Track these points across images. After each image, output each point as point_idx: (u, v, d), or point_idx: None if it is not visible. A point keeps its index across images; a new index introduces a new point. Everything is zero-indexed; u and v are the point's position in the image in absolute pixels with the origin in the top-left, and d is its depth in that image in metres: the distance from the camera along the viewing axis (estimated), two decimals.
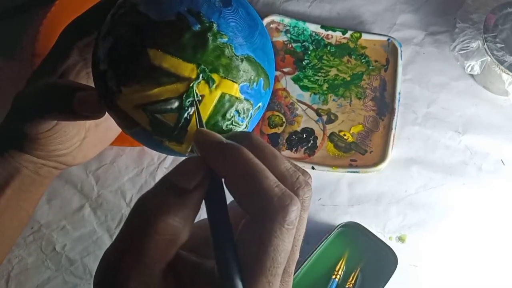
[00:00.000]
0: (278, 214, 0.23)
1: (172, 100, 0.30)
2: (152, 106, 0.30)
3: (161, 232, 0.23)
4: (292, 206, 0.23)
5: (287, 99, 0.64)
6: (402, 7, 0.70)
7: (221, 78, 0.31)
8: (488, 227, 0.58)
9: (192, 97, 0.30)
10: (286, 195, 0.24)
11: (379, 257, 0.54)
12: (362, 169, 0.59)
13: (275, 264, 0.23)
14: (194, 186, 0.25)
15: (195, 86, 0.30)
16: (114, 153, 0.61)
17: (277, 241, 0.23)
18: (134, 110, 0.31)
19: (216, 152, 0.25)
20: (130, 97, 0.30)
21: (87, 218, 0.58)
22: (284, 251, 0.24)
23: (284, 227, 0.23)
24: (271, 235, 0.23)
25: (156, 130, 0.31)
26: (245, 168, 0.24)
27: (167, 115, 0.30)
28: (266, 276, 0.23)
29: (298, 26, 0.67)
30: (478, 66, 0.62)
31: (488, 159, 0.61)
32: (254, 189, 0.24)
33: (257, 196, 0.23)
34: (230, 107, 0.31)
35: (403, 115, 0.63)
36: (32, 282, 0.55)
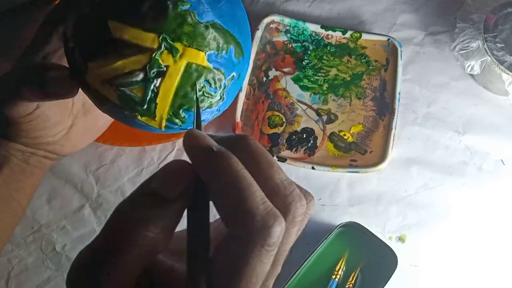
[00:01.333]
0: (259, 236, 0.22)
1: (137, 72, 0.30)
2: (117, 80, 0.30)
3: (139, 244, 0.22)
4: (275, 227, 0.22)
5: (287, 99, 0.64)
6: (402, 7, 0.70)
7: (185, 47, 0.30)
8: (488, 227, 0.58)
9: (156, 67, 0.29)
10: (271, 215, 0.22)
11: (379, 257, 0.54)
12: (362, 169, 0.59)
13: (250, 284, 0.22)
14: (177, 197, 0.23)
15: (157, 56, 0.29)
16: (114, 153, 0.61)
17: (255, 262, 0.22)
18: (101, 86, 0.30)
19: (204, 159, 0.23)
20: (96, 72, 0.30)
21: (87, 218, 0.58)
22: (261, 271, 0.23)
23: (263, 249, 0.22)
24: (249, 256, 0.22)
25: (125, 105, 0.31)
26: (232, 181, 0.22)
27: (134, 88, 0.30)
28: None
29: (298, 26, 0.67)
30: (478, 66, 0.62)
31: (488, 159, 0.61)
32: (237, 205, 0.22)
33: (240, 212, 0.22)
34: (199, 77, 0.31)
35: (403, 115, 0.63)
36: (32, 282, 0.55)
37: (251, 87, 0.64)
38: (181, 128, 0.33)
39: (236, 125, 0.61)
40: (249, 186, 0.22)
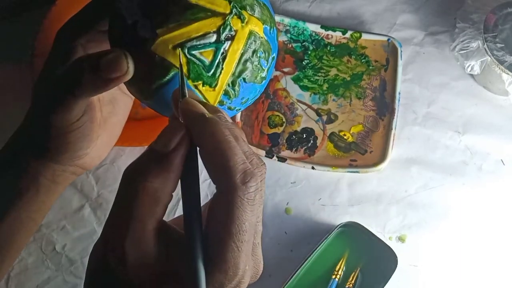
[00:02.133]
0: (239, 189, 0.26)
1: (210, 34, 0.32)
2: (190, 43, 0.32)
3: (143, 192, 0.27)
4: (251, 182, 0.27)
5: (287, 99, 0.64)
6: (402, 7, 0.70)
7: (250, 16, 0.33)
8: (488, 227, 0.58)
9: (228, 30, 0.32)
10: (248, 173, 0.27)
11: (379, 257, 0.54)
12: (362, 169, 0.59)
13: (241, 231, 0.26)
14: (172, 150, 0.28)
15: (230, 19, 0.32)
16: (114, 153, 0.61)
17: (240, 212, 0.26)
18: (171, 52, 0.32)
19: (199, 122, 0.28)
20: (167, 38, 0.32)
21: (87, 218, 0.58)
22: (248, 221, 0.27)
23: (244, 200, 0.26)
24: (234, 206, 0.26)
25: (192, 71, 0.32)
26: (219, 143, 0.27)
27: (205, 52, 0.32)
28: (234, 241, 0.26)
29: (298, 26, 0.67)
30: (478, 66, 0.62)
31: (488, 159, 0.61)
32: (223, 163, 0.27)
33: (225, 170, 0.27)
34: (259, 45, 0.34)
35: (403, 115, 0.63)
36: (32, 282, 0.55)
37: None
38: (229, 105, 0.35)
39: (236, 125, 0.61)
40: (233, 148, 0.27)
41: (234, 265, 0.27)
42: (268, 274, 0.55)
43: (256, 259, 0.29)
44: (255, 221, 0.28)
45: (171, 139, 0.28)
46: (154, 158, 0.28)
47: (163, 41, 0.32)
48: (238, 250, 0.27)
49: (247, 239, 0.27)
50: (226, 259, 0.27)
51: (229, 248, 0.26)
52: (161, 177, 0.27)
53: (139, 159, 0.28)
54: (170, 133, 0.28)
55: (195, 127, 0.28)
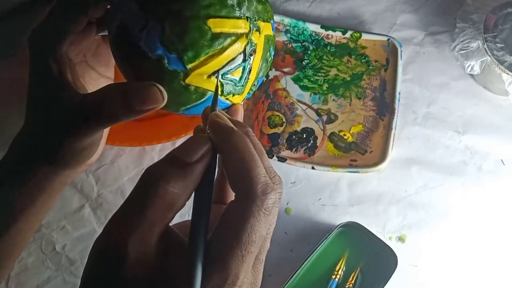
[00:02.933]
0: (259, 198, 0.27)
1: (238, 56, 0.33)
2: (223, 69, 0.33)
3: (161, 195, 0.27)
4: (271, 194, 0.27)
5: (287, 99, 0.64)
6: (402, 7, 0.70)
7: (262, 22, 0.35)
8: (488, 227, 0.58)
9: (251, 47, 0.34)
10: (269, 185, 0.27)
11: (379, 257, 0.54)
12: (362, 169, 0.59)
13: (250, 241, 0.27)
14: (195, 161, 0.28)
15: (251, 36, 0.34)
16: (114, 153, 0.61)
17: (254, 221, 0.27)
18: (206, 81, 0.33)
19: (226, 134, 0.29)
20: (201, 71, 0.33)
21: (87, 218, 0.58)
22: (259, 232, 0.27)
23: (261, 210, 0.27)
24: (249, 214, 0.27)
25: (225, 90, 0.34)
26: (245, 154, 0.28)
27: (234, 72, 0.34)
28: (241, 250, 0.27)
29: (298, 26, 0.67)
30: (478, 66, 0.62)
31: (488, 159, 0.61)
32: (246, 173, 0.27)
33: (247, 179, 0.27)
34: (271, 43, 0.36)
35: (403, 115, 0.63)
36: (32, 282, 0.55)
37: None
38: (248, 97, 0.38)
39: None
40: (257, 160, 0.28)
41: (234, 274, 0.27)
42: (268, 274, 0.55)
43: (256, 276, 0.29)
44: (265, 234, 0.28)
45: (197, 151, 0.28)
46: (177, 165, 0.28)
47: (197, 74, 0.33)
48: (242, 260, 0.27)
49: (253, 250, 0.27)
50: (229, 266, 0.27)
51: (235, 255, 0.27)
52: (182, 184, 0.27)
53: (163, 162, 0.28)
54: (197, 145, 0.29)
55: (222, 138, 0.29)
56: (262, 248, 0.29)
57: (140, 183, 0.28)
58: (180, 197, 0.27)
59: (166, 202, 0.27)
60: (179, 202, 0.28)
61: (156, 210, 0.27)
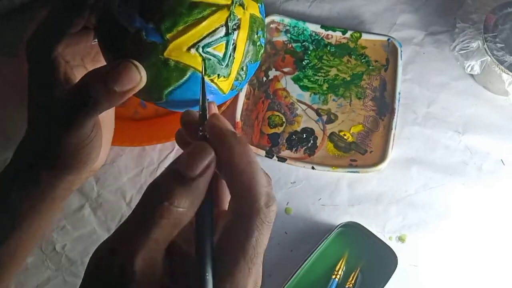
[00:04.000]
0: (262, 212, 0.27)
1: (220, 28, 0.32)
2: (203, 41, 0.32)
3: (165, 217, 0.26)
4: (274, 206, 0.27)
5: (287, 99, 0.64)
6: (402, 7, 0.70)
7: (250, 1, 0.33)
8: (488, 227, 0.58)
9: (234, 20, 0.32)
10: (271, 197, 0.27)
11: (379, 257, 0.54)
12: (362, 169, 0.59)
13: (255, 253, 0.27)
14: (199, 174, 0.27)
15: (234, 9, 0.32)
16: (114, 153, 0.61)
17: (258, 234, 0.27)
18: (185, 54, 0.32)
19: (230, 140, 0.28)
20: (179, 42, 0.31)
21: (87, 218, 0.58)
22: (263, 243, 0.27)
23: (265, 223, 0.27)
24: (254, 229, 0.26)
25: (209, 67, 0.32)
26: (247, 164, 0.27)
27: (217, 47, 0.32)
28: (247, 263, 0.26)
29: (298, 26, 0.67)
30: (478, 66, 0.62)
31: (488, 159, 0.61)
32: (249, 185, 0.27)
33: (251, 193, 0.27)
34: (259, 25, 0.34)
35: (403, 115, 0.63)
36: (32, 282, 0.55)
37: (251, 87, 0.64)
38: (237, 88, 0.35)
39: (236, 125, 0.61)
40: (259, 171, 0.27)
41: (242, 285, 0.27)
42: (268, 274, 0.55)
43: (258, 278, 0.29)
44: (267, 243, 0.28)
45: (200, 163, 0.27)
46: (180, 182, 0.26)
47: (176, 45, 0.31)
48: (249, 272, 0.27)
49: (259, 261, 0.27)
50: (236, 278, 0.26)
51: (242, 269, 0.26)
52: (188, 202, 0.26)
53: (165, 179, 0.27)
54: (199, 157, 0.27)
55: (225, 145, 0.27)
56: None
57: (144, 201, 0.27)
58: (185, 215, 0.27)
59: (172, 222, 0.26)
60: (184, 220, 0.27)
61: (162, 230, 0.26)
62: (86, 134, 0.37)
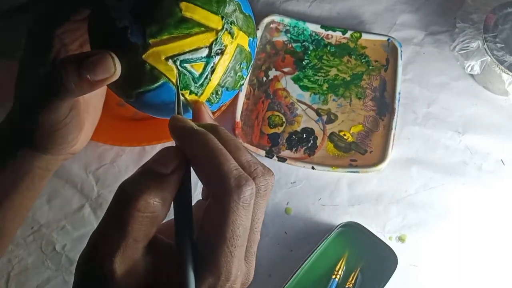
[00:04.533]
0: (234, 192, 0.26)
1: (202, 49, 0.33)
2: (183, 56, 0.33)
3: (142, 210, 0.26)
4: (247, 186, 0.27)
5: (287, 99, 0.64)
6: (402, 7, 0.70)
7: (239, 30, 0.34)
8: (488, 227, 0.58)
9: (219, 46, 0.33)
10: (242, 177, 0.27)
11: (379, 257, 0.54)
12: (362, 169, 0.59)
13: (234, 236, 0.27)
14: (171, 171, 0.27)
15: (221, 35, 0.33)
16: (114, 153, 0.61)
17: (234, 216, 0.26)
18: (162, 63, 0.32)
19: (187, 135, 0.28)
20: (160, 50, 0.32)
21: (87, 218, 0.58)
22: (242, 226, 0.27)
23: (239, 204, 0.26)
24: (228, 210, 0.26)
25: (182, 81, 0.33)
26: (210, 151, 0.27)
27: (195, 65, 0.33)
28: (227, 246, 0.27)
29: (298, 26, 0.67)
30: (478, 66, 0.62)
31: (488, 159, 0.61)
32: (216, 170, 0.27)
33: (218, 176, 0.27)
34: (244, 57, 0.35)
35: (403, 115, 0.63)
36: (32, 282, 0.55)
37: (251, 87, 0.64)
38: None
39: (236, 125, 0.61)
40: (225, 155, 0.27)
41: (226, 270, 0.27)
42: (268, 274, 0.55)
43: (249, 267, 0.29)
44: (249, 226, 0.28)
45: (170, 161, 0.28)
46: (154, 178, 0.27)
47: (156, 51, 0.32)
48: (231, 255, 0.27)
49: (240, 244, 0.27)
50: (219, 264, 0.27)
51: (222, 253, 0.27)
52: (161, 197, 0.27)
53: (138, 177, 0.27)
54: (170, 156, 0.28)
55: (185, 141, 0.28)
56: (252, 240, 0.29)
57: (117, 199, 0.27)
58: (161, 209, 0.27)
59: (148, 216, 0.26)
60: (161, 214, 0.27)
61: (139, 225, 0.26)
62: (60, 118, 0.37)
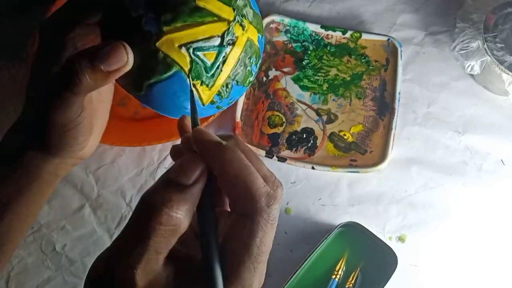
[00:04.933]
0: (264, 212, 0.27)
1: (215, 38, 0.33)
2: (196, 44, 0.33)
3: (164, 223, 0.26)
4: (275, 205, 0.28)
5: (287, 99, 0.64)
6: (402, 7, 0.70)
7: (249, 24, 0.35)
8: (488, 227, 0.58)
9: (231, 36, 0.34)
10: (271, 196, 0.27)
11: (379, 257, 0.54)
12: (362, 169, 0.59)
13: (260, 252, 0.27)
14: (193, 182, 0.27)
15: (233, 26, 0.34)
16: (114, 153, 0.61)
17: (262, 234, 0.27)
18: (176, 50, 0.33)
19: (215, 151, 0.28)
20: (174, 37, 0.33)
21: (87, 218, 0.58)
22: (267, 242, 0.28)
23: (268, 223, 0.27)
24: (258, 229, 0.27)
25: (193, 70, 0.33)
26: (240, 169, 0.27)
27: (208, 53, 0.34)
28: (252, 262, 0.27)
29: (298, 26, 0.67)
30: (478, 66, 0.62)
31: (488, 159, 0.61)
32: (247, 189, 0.27)
33: (249, 195, 0.27)
34: (253, 52, 0.35)
35: (403, 115, 0.63)
36: (32, 282, 0.55)
37: (251, 87, 0.64)
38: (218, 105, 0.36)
39: (236, 125, 0.61)
40: (254, 173, 0.27)
41: (249, 284, 0.27)
42: (268, 274, 0.55)
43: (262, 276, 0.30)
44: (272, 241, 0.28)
45: (194, 172, 0.28)
46: (176, 189, 0.27)
47: (169, 39, 0.33)
48: (254, 271, 0.27)
49: (264, 260, 0.28)
50: (243, 278, 0.27)
51: (247, 268, 0.27)
52: (185, 209, 0.27)
53: (160, 187, 0.27)
54: (192, 166, 0.28)
55: (213, 157, 0.28)
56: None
57: (139, 212, 0.27)
58: (184, 222, 0.27)
59: (170, 229, 0.26)
60: (182, 226, 0.27)
61: (161, 238, 0.26)
62: (72, 117, 0.36)
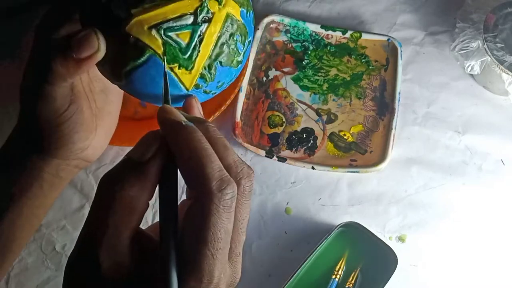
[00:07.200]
0: (215, 196, 0.26)
1: (187, 16, 0.31)
2: (166, 24, 0.31)
3: (119, 201, 0.26)
4: (228, 189, 0.27)
5: (287, 99, 0.64)
6: (402, 7, 0.70)
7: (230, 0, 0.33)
8: (488, 227, 0.58)
9: (205, 12, 0.32)
10: (224, 180, 0.27)
11: (379, 257, 0.54)
12: (362, 169, 0.59)
13: (216, 238, 0.26)
14: (148, 159, 0.28)
15: (207, 1, 0.32)
16: (114, 153, 0.61)
17: (215, 219, 0.26)
18: (146, 33, 0.31)
19: (174, 130, 0.28)
20: (143, 19, 0.31)
21: None
22: (223, 228, 0.27)
23: (220, 207, 0.26)
24: (209, 213, 0.26)
25: (168, 53, 0.32)
26: (195, 150, 0.27)
27: (181, 34, 0.32)
28: (209, 248, 0.26)
29: (298, 26, 0.67)
30: (478, 66, 0.62)
31: (488, 159, 0.61)
32: (198, 171, 0.27)
33: (200, 177, 0.27)
34: (236, 28, 0.33)
35: (403, 115, 0.63)
36: (32, 282, 0.55)
37: (251, 87, 0.64)
38: (204, 89, 0.34)
39: (236, 125, 0.61)
40: (209, 155, 0.27)
41: (209, 273, 0.27)
42: (268, 274, 0.55)
43: (234, 268, 0.29)
44: (231, 228, 0.28)
45: (148, 149, 0.28)
46: (130, 167, 0.27)
47: (138, 21, 0.31)
48: (213, 258, 0.27)
49: (222, 246, 0.27)
50: (201, 266, 0.26)
51: (204, 255, 0.26)
52: (138, 186, 0.27)
53: (116, 167, 0.28)
54: (147, 143, 0.28)
55: (171, 135, 0.28)
56: (236, 241, 0.29)
57: (97, 191, 0.27)
58: (138, 199, 0.27)
59: (126, 206, 0.27)
60: (139, 204, 0.27)
61: (118, 216, 0.26)
62: (58, 109, 0.36)
